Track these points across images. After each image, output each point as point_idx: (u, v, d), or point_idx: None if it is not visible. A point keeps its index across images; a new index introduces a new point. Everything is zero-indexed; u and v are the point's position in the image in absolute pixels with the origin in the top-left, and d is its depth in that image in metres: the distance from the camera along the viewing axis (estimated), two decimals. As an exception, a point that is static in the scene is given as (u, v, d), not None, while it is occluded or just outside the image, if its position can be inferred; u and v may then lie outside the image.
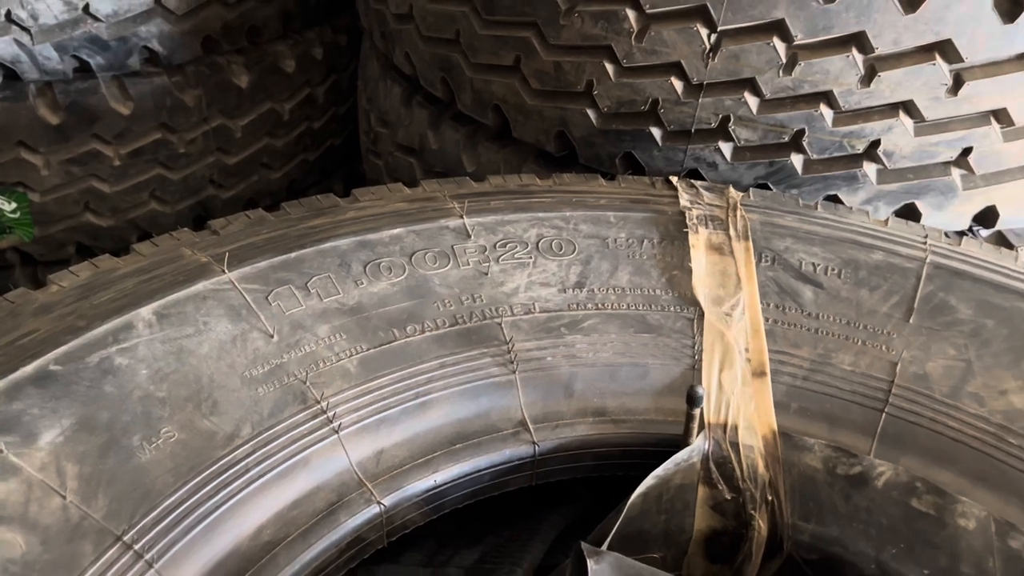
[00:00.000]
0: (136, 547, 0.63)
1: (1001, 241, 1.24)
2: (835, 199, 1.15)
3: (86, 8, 1.45)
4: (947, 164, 1.12)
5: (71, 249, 1.68)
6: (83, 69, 1.52)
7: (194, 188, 1.73)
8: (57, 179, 1.57)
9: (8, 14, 1.40)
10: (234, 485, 0.70)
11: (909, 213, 1.17)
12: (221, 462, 0.70)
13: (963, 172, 1.13)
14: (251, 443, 0.72)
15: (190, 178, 1.71)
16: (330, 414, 0.76)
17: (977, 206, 1.17)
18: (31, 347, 0.73)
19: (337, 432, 0.76)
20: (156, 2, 1.51)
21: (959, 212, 1.17)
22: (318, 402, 0.77)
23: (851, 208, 1.11)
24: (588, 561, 0.68)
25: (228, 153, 1.74)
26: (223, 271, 0.82)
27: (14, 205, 1.55)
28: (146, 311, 0.78)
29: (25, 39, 1.43)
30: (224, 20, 1.62)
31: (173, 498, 0.67)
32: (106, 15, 1.47)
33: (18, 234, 1.59)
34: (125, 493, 0.66)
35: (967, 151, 1.10)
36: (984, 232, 1.24)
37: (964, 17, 1.00)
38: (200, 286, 0.81)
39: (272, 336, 0.80)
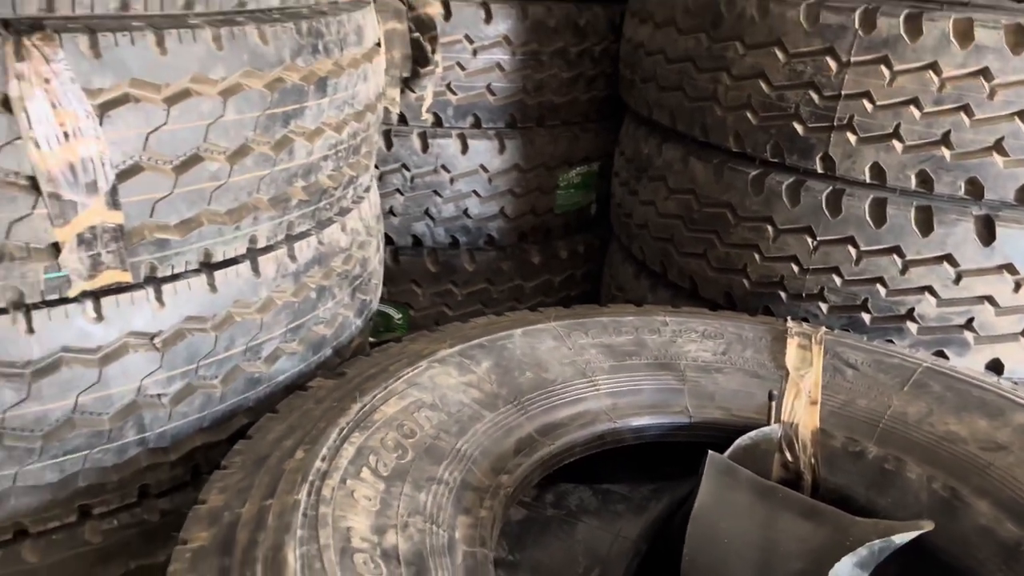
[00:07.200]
0: (519, 407, 1.54)
1: (1017, 388, 1.91)
2: (891, 342, 1.91)
3: (465, 211, 2.60)
4: (960, 327, 1.86)
5: (419, 348, 2.75)
6: (453, 243, 2.66)
7: (496, 321, 2.77)
8: (426, 304, 2.67)
9: (427, 210, 2.58)
10: (554, 400, 1.60)
11: (944, 357, 1.90)
12: (549, 388, 1.61)
13: (973, 334, 1.86)
14: (584, 382, 1.63)
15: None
16: (595, 384, 1.65)
17: (986, 357, 1.87)
18: (470, 335, 1.70)
19: (598, 390, 1.64)
20: (500, 211, 2.65)
21: (974, 360, 1.88)
22: (590, 377, 1.66)
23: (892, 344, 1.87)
24: (710, 455, 1.49)
25: (519, 302, 2.79)
26: (552, 322, 1.78)
27: (400, 315, 2.67)
28: (518, 331, 1.73)
29: (431, 224, 2.60)
30: (533, 224, 2.73)
31: (533, 394, 1.58)
32: (474, 215, 2.62)
33: (397, 333, 2.69)
34: (512, 390, 1.58)
35: (971, 320, 1.84)
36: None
37: (959, 240, 1.80)
38: (541, 325, 1.76)
39: (570, 349, 1.72)
